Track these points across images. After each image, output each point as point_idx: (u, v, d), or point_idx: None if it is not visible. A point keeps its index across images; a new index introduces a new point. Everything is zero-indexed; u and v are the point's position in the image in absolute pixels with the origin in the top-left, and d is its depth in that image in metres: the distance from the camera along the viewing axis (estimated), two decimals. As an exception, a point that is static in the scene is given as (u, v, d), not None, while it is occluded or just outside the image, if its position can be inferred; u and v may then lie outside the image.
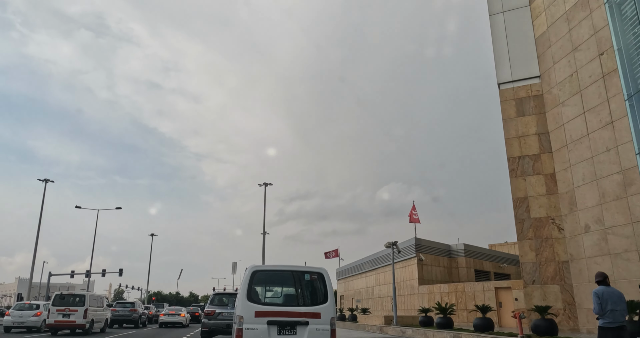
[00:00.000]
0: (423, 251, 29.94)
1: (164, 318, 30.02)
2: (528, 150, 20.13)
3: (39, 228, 45.79)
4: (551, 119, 19.76)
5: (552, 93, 19.80)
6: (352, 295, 44.36)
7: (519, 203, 19.83)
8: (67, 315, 19.06)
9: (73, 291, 19.84)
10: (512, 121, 20.77)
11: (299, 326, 7.72)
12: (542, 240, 18.99)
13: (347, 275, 46.35)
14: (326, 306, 7.95)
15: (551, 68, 19.96)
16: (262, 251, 44.00)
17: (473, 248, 34.11)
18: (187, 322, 31.20)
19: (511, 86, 21.22)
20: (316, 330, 7.70)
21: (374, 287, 38.38)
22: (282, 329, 7.68)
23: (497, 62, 21.79)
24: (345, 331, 24.22)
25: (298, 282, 8.32)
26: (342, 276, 48.62)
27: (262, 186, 43.40)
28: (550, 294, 18.34)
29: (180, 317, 30.16)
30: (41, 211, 46.35)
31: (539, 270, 18.79)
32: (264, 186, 43.58)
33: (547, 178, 19.45)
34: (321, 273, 8.27)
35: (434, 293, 28.27)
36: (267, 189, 43.41)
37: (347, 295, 46.13)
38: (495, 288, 24.75)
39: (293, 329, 7.71)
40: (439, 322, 18.92)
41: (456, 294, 26.64)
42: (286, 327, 7.69)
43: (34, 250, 46.12)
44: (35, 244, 46.15)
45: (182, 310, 31.12)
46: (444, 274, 32.04)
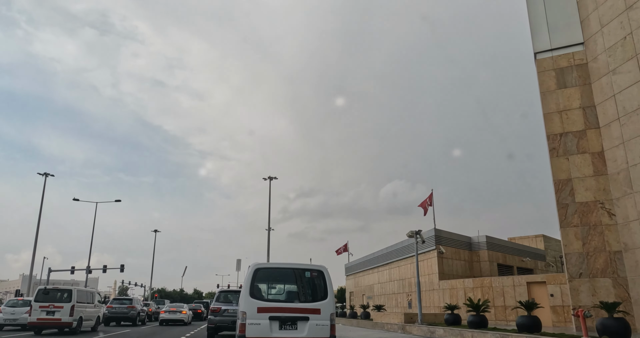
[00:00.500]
0: (443, 243, 27.63)
1: (164, 316, 28.01)
2: (571, 126, 17.73)
3: (39, 223, 44.01)
4: (598, 91, 17.34)
5: (599, 61, 17.38)
6: (362, 291, 42.12)
7: (561, 185, 17.45)
8: (52, 312, 16.91)
9: (58, 286, 17.66)
10: (552, 94, 18.37)
11: (300, 321, 7.98)
12: (589, 227, 16.62)
13: (357, 271, 44.13)
14: (326, 302, 8.22)
15: (598, 32, 17.53)
16: (267, 247, 42.25)
17: (495, 241, 31.75)
18: (189, 319, 29.13)
19: (550, 54, 18.81)
20: (316, 326, 7.97)
21: (386, 283, 36.10)
22: (283, 324, 7.93)
23: (533, 29, 19.38)
24: (362, 331, 21.94)
25: (299, 279, 8.58)
26: (352, 272, 46.40)
27: (267, 180, 41.91)
28: (601, 289, 15.98)
29: (182, 314, 28.10)
30: (41, 205, 44.66)
31: (587, 262, 16.42)
32: (268, 180, 41.97)
33: (594, 156, 17.06)
34: (321, 270, 8.54)
35: (456, 288, 25.95)
36: (272, 184, 41.56)
37: (357, 291, 43.93)
38: (527, 283, 22.41)
39: (294, 324, 7.96)
40: (471, 320, 16.61)
41: (482, 290, 24.30)
42: (287, 322, 7.95)
43: (34, 245, 44.50)
44: (35, 239, 44.45)
45: (183, 307, 29.05)
46: (464, 268, 29.71)
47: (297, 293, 8.57)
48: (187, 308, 29.41)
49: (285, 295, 8.70)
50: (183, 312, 28.27)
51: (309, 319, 8.04)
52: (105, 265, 56.83)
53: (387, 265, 36.03)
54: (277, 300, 8.39)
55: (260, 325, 7.90)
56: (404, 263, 32.85)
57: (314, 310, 8.11)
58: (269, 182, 41.51)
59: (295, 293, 8.58)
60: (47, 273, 53.75)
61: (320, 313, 8.12)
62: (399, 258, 33.61)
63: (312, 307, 8.14)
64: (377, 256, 38.57)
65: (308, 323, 8.01)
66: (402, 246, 33.34)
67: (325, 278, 8.51)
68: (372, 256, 39.82)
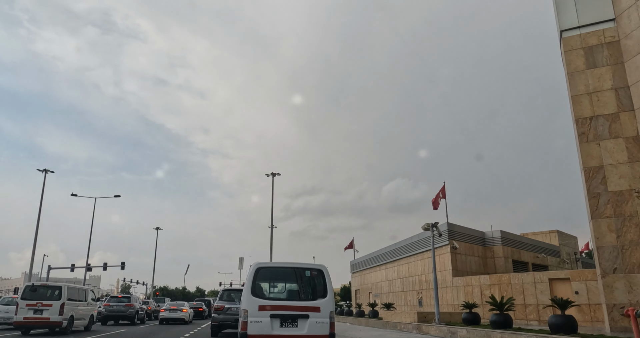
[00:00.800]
0: (456, 238, 26.23)
1: (164, 314, 26.80)
2: (602, 109, 16.30)
3: (39, 220, 42.63)
4: (632, 70, 15.90)
5: (633, 38, 15.94)
6: (368, 289, 40.80)
7: (592, 173, 16.03)
8: (39, 311, 15.63)
9: (47, 283, 16.37)
10: (581, 75, 16.93)
11: (300, 319, 8.15)
12: (624, 218, 15.20)
13: (363, 268, 42.81)
14: (326, 300, 8.39)
15: (632, 7, 16.07)
16: (269, 245, 40.84)
17: (510, 236, 30.32)
18: (189, 318, 27.87)
19: (578, 32, 17.37)
20: (316, 323, 8.13)
21: (394, 280, 34.74)
22: (284, 322, 8.10)
23: (558, 6, 17.95)
24: (373, 331, 20.58)
25: (299, 278, 8.79)
26: (357, 270, 45.07)
27: (270, 176, 40.88)
28: (638, 286, 14.57)
29: (182, 312, 26.87)
30: (41, 202, 43.31)
31: (622, 256, 15.01)
32: (271, 176, 40.97)
33: (628, 141, 15.63)
34: (321, 269, 8.72)
35: (471, 285, 24.56)
36: (274, 181, 40.29)
37: (363, 289, 42.61)
38: (550, 279, 21.00)
39: (294, 322, 8.12)
40: (495, 320, 15.22)
41: (500, 287, 22.91)
42: (288, 319, 8.12)
43: (34, 243, 43.08)
44: (34, 237, 43.07)
45: (184, 305, 27.79)
46: (478, 265, 28.31)
47: (297, 292, 8.80)
48: (188, 307, 28.15)
49: (286, 294, 8.90)
50: (184, 310, 27.02)
51: (309, 317, 8.21)
52: (105, 263, 55.83)
53: (396, 262, 34.66)
54: (278, 299, 8.63)
55: (261, 323, 8.08)
56: (413, 259, 31.49)
57: (314, 308, 8.30)
58: (271, 178, 40.60)
59: (295, 292, 8.81)
60: (47, 270, 52.65)
61: (320, 311, 8.29)
62: (408, 254, 32.25)
63: (312, 305, 8.34)
64: (385, 253, 37.21)
65: (308, 321, 8.19)
66: (411, 242, 31.98)
67: (324, 277, 8.68)
68: (379, 253, 38.51)
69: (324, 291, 8.57)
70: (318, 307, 8.32)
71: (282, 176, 41.57)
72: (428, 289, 29.02)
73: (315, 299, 8.48)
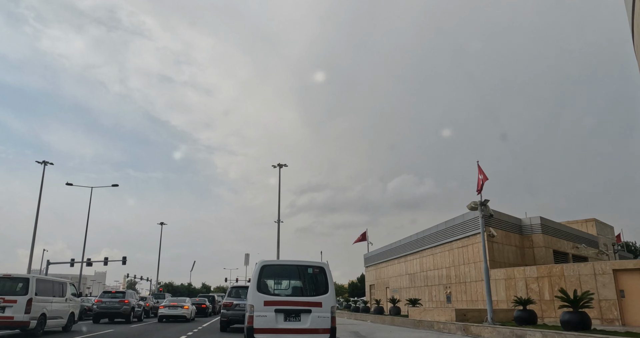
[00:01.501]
0: (492, 225, 22.97)
1: (163, 311, 23.94)
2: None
3: (38, 213, 40.10)
4: None
5: None
6: (385, 283, 37.64)
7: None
8: (1, 309, 12.64)
9: (11, 274, 13.37)
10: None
11: (303, 313, 8.67)
12: None
13: (379, 261, 39.63)
14: (327, 296, 8.92)
15: None
16: (277, 238, 38.59)
17: (550, 224, 27.01)
18: (191, 315, 24.95)
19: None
20: (318, 317, 8.67)
21: (417, 274, 31.59)
22: (288, 316, 8.64)
23: None
24: (407, 332, 17.43)
25: (302, 275, 9.35)
26: (372, 263, 41.87)
27: (277, 167, 38.60)
28: None
29: (184, 309, 23.97)
30: (40, 194, 40.47)
31: None
32: (278, 167, 38.64)
33: None
34: (323, 267, 9.27)
35: (514, 278, 21.32)
36: (281, 173, 37.69)
37: (379, 284, 39.46)
38: (614, 270, 17.73)
39: (298, 316, 8.65)
40: (568, 319, 12.05)
41: (550, 280, 19.67)
42: (291, 314, 8.65)
43: (33, 237, 40.04)
44: (33, 232, 40.27)
45: (185, 302, 24.86)
46: (516, 255, 25.06)
47: (300, 288, 9.27)
48: (189, 303, 25.22)
49: (289, 290, 9.37)
50: (185, 307, 24.11)
51: (311, 311, 8.66)
52: (106, 257, 53.83)
53: (418, 254, 31.47)
54: (282, 294, 9.10)
55: (266, 317, 8.54)
56: (439, 250, 28.29)
57: (316, 303, 8.74)
58: (278, 170, 38.38)
59: (298, 288, 9.29)
60: (46, 266, 49.90)
61: (322, 306, 8.74)
62: (433, 244, 29.05)
63: (314, 301, 8.78)
64: (405, 244, 34.04)
65: (310, 315, 8.64)
66: (437, 231, 28.79)
67: (326, 273, 9.12)
68: (397, 244, 35.32)
69: (325, 287, 9.02)
70: (320, 302, 8.78)
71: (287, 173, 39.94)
72: (457, 283, 25.84)
73: (317, 295, 8.92)
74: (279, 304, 8.67)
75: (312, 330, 8.59)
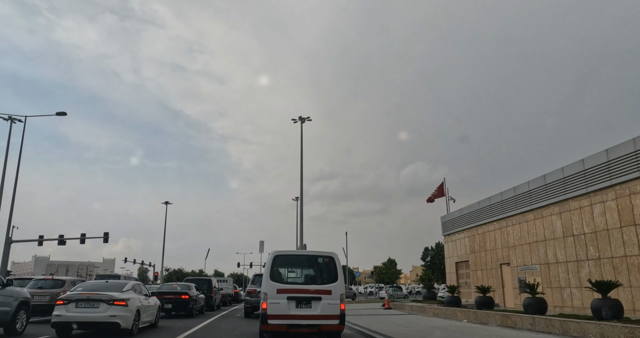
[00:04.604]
0: None
1: (61, 312, 10.47)
2: None
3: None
4: None
5: None
6: (498, 258, 22.37)
7: None
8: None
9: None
10: None
11: (314, 301, 9.28)
12: None
13: (476, 223, 24.72)
14: (336, 284, 9.51)
15: None
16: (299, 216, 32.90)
17: None
18: (130, 321, 11.05)
19: None
20: (328, 304, 9.24)
21: (557, 240, 17.49)
22: (299, 303, 9.26)
23: None
24: None
25: (313, 264, 9.99)
26: (459, 229, 26.91)
27: (298, 121, 32.17)
28: None
29: (110, 308, 10.43)
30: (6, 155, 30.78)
31: None
32: (299, 121, 32.13)
33: None
34: (332, 256, 9.89)
35: None
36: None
37: (479, 260, 24.11)
38: None
39: (309, 303, 9.26)
40: None
41: None
42: (303, 301, 9.28)
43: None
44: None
45: (121, 291, 11.19)
46: None
47: (311, 277, 9.95)
48: (132, 294, 11.57)
49: (301, 278, 10.02)
50: (116, 304, 10.50)
51: (321, 299, 9.29)
52: (83, 234, 44.44)
53: (556, 206, 17.36)
54: (294, 283, 9.73)
55: (279, 304, 9.21)
56: (603, 196, 14.17)
57: (326, 291, 9.38)
58: (300, 124, 31.86)
59: (309, 277, 9.97)
60: (4, 244, 36.90)
61: (332, 294, 9.36)
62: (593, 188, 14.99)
63: (324, 288, 9.43)
64: (521, 195, 19.96)
65: (321, 302, 9.27)
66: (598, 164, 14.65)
67: (335, 263, 9.81)
68: (521, 189, 20.81)
69: (335, 276, 9.64)
70: (330, 290, 9.38)
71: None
72: None
73: (327, 283, 9.54)
74: (291, 292, 9.27)
75: (322, 316, 9.15)
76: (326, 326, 9.12)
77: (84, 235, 42.71)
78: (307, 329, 9.13)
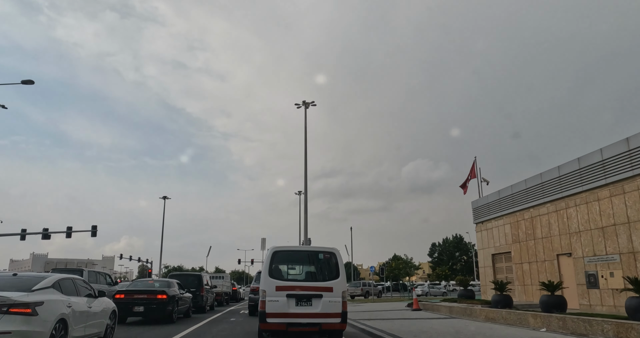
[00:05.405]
0: None
1: None
2: None
3: None
4: None
5: None
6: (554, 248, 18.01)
7: None
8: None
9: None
10: None
11: (314, 298, 8.80)
12: None
13: (511, 209, 21.04)
14: (338, 281, 9.03)
15: None
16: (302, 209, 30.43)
17: None
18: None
19: None
20: (329, 302, 8.79)
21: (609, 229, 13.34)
22: (299, 301, 8.78)
23: None
24: None
25: (313, 261, 9.55)
26: (492, 215, 23.51)
27: (302, 106, 30.96)
28: None
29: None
30: None
31: None
32: (303, 106, 30.92)
33: None
34: (333, 252, 9.39)
35: None
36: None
37: (520, 251, 20.23)
38: None
39: (309, 301, 8.78)
40: None
41: None
42: (303, 299, 8.79)
43: None
44: None
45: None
46: None
47: (311, 273, 9.43)
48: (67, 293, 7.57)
49: (301, 275, 9.59)
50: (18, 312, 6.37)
51: (322, 296, 8.80)
52: (69, 227, 40.91)
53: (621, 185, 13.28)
54: (294, 280, 9.25)
55: (278, 302, 8.69)
56: None
57: (327, 288, 8.88)
58: (304, 110, 30.56)
59: (310, 273, 9.46)
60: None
61: (333, 291, 8.88)
62: None
63: (325, 286, 8.93)
64: (589, 167, 15.83)
65: (322, 300, 8.78)
66: None
67: (337, 259, 9.29)
68: (570, 168, 16.91)
69: (336, 272, 9.13)
70: (331, 287, 8.88)
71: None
72: None
73: (328, 280, 9.02)
74: (290, 289, 8.79)
75: (323, 314, 8.69)
76: (327, 325, 8.75)
77: (70, 229, 39.96)
78: (307, 328, 8.73)
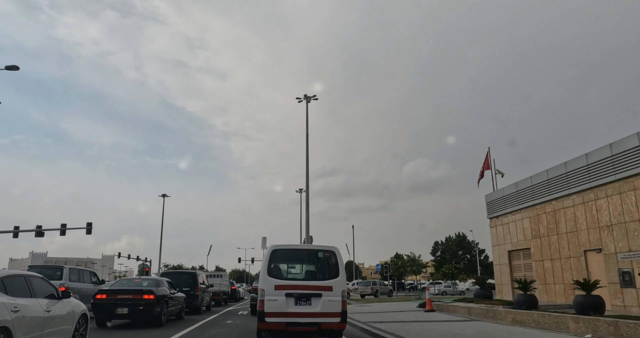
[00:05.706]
0: None
1: None
2: None
3: None
4: None
5: None
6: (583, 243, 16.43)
7: None
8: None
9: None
10: None
11: (314, 298, 8.65)
12: None
13: (531, 202, 19.63)
14: (337, 280, 8.89)
15: None
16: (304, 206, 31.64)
17: None
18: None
19: None
20: (329, 301, 8.63)
21: None
22: (298, 300, 8.64)
23: None
24: None
25: (313, 259, 9.40)
26: (508, 209, 22.04)
27: (303, 100, 30.07)
28: None
29: None
30: None
31: None
32: (304, 100, 30.05)
33: None
34: (333, 251, 9.22)
35: None
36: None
37: (540, 247, 18.92)
38: None
39: (308, 300, 8.64)
40: None
41: None
42: (302, 298, 8.65)
43: None
44: None
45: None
46: None
47: (311, 272, 9.29)
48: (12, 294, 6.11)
49: (300, 274, 9.51)
50: None
51: (322, 296, 8.65)
52: (64, 224, 39.86)
53: None
54: (292, 278, 9.12)
55: (277, 301, 8.55)
56: None
57: (327, 287, 8.73)
58: (305, 103, 29.75)
59: (309, 272, 9.35)
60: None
61: (332, 290, 8.72)
62: None
63: (324, 285, 8.78)
64: (622, 153, 14.37)
65: (321, 299, 8.63)
66: None
67: (337, 258, 9.12)
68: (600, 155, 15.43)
69: (336, 271, 8.98)
70: (330, 286, 8.73)
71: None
72: None
73: (328, 279, 8.87)
74: (289, 288, 8.66)
75: (323, 314, 8.55)
76: (327, 324, 8.61)
77: (64, 226, 38.98)
78: (306, 327, 8.60)
